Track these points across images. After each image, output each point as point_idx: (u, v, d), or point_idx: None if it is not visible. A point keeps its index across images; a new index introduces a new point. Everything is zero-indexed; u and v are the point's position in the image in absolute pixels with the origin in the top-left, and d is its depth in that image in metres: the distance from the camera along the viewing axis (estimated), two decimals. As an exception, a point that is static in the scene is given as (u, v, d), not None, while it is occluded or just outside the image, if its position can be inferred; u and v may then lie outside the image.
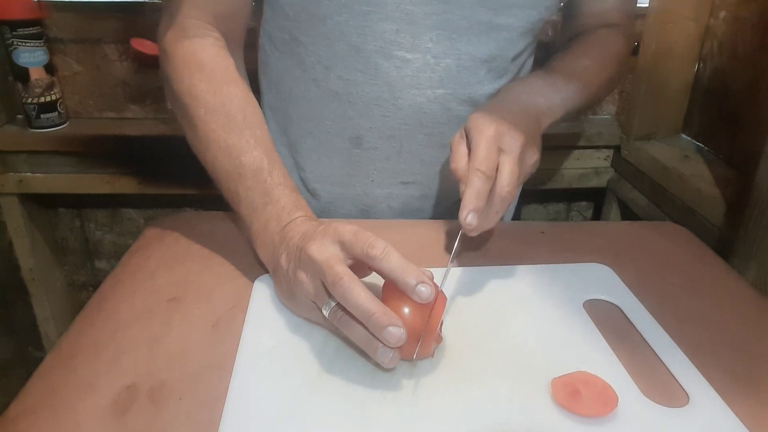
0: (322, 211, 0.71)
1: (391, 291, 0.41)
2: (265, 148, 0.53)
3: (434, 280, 0.42)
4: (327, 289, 0.41)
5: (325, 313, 0.42)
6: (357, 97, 0.62)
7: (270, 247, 0.49)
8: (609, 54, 0.69)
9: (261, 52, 0.69)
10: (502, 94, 0.59)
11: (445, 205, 0.71)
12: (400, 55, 0.59)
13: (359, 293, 0.39)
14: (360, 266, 0.43)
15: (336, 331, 0.44)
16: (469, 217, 0.47)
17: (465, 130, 0.53)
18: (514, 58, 0.64)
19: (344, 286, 0.39)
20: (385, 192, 0.68)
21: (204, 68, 0.56)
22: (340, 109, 0.63)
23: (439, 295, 0.41)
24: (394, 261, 0.40)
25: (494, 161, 0.49)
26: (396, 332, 0.38)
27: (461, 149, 0.52)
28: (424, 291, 0.39)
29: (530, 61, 0.70)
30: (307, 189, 0.70)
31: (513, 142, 0.51)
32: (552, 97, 0.60)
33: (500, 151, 0.50)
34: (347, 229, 0.42)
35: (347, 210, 0.70)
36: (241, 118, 0.53)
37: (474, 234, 0.49)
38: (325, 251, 0.42)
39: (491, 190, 0.49)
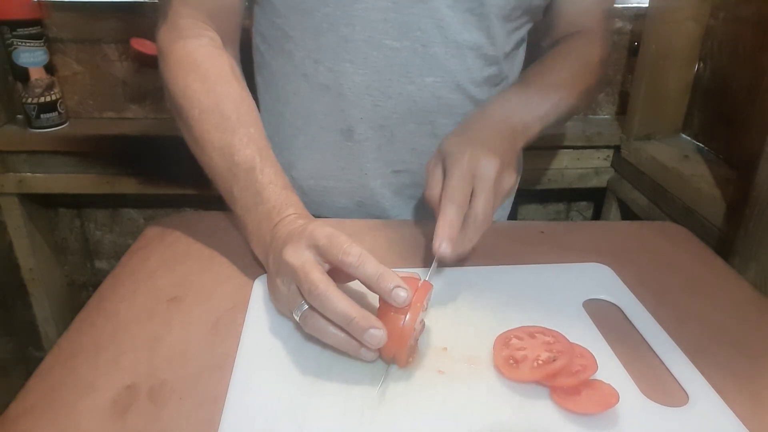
0: (316, 206, 0.71)
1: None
2: (258, 146, 0.53)
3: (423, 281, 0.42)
4: (301, 294, 0.41)
5: (296, 317, 0.42)
6: (347, 88, 0.62)
7: (263, 248, 0.50)
8: (586, 65, 0.69)
9: (255, 53, 0.69)
10: (476, 115, 0.58)
11: None
12: (388, 44, 0.59)
13: (337, 300, 0.39)
14: (341, 271, 0.43)
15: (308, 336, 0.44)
16: (442, 246, 0.46)
17: (441, 155, 0.52)
18: (502, 47, 0.64)
19: (321, 294, 0.39)
20: (378, 182, 0.68)
21: (198, 69, 0.56)
22: (330, 102, 0.63)
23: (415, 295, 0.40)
24: (369, 268, 0.40)
25: (467, 189, 0.49)
26: (377, 334, 0.38)
27: (436, 175, 0.52)
28: (401, 295, 0.39)
29: (522, 52, 0.70)
30: (300, 187, 0.70)
31: (488, 168, 0.49)
32: (526, 115, 0.60)
33: (475, 177, 0.49)
34: (322, 233, 0.42)
35: (342, 203, 0.70)
36: (235, 117, 0.54)
37: (448, 260, 0.48)
38: (301, 256, 0.42)
39: (465, 218, 0.49)
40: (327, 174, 0.68)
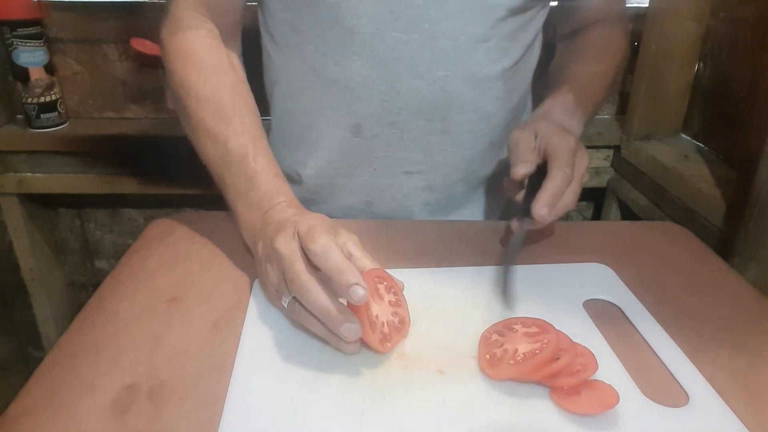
0: (323, 207, 0.71)
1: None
2: (251, 135, 0.54)
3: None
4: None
5: (284, 304, 0.43)
6: (354, 82, 0.61)
7: (252, 233, 0.50)
8: (616, 55, 0.71)
9: (264, 54, 0.69)
10: (545, 115, 0.62)
11: (452, 198, 0.70)
12: (396, 37, 0.59)
13: (316, 293, 0.40)
14: None
15: (300, 326, 0.45)
16: (543, 210, 0.50)
17: (537, 135, 0.56)
18: (514, 39, 0.63)
19: (302, 286, 0.40)
20: (388, 182, 0.67)
21: (196, 59, 0.57)
22: (338, 97, 0.63)
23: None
24: (332, 260, 0.40)
25: (573, 169, 0.53)
26: (352, 327, 0.39)
27: (529, 145, 0.55)
28: (359, 293, 0.39)
29: (537, 42, 0.69)
30: (307, 185, 0.70)
31: (585, 157, 0.56)
32: (580, 119, 0.64)
33: (575, 162, 0.54)
34: (306, 223, 0.43)
35: (350, 202, 0.70)
36: (230, 107, 0.55)
37: (540, 223, 0.53)
38: (289, 246, 0.43)
39: None
40: (335, 171, 0.68)
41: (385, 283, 0.45)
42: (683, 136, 1.03)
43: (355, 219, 0.70)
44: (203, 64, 0.57)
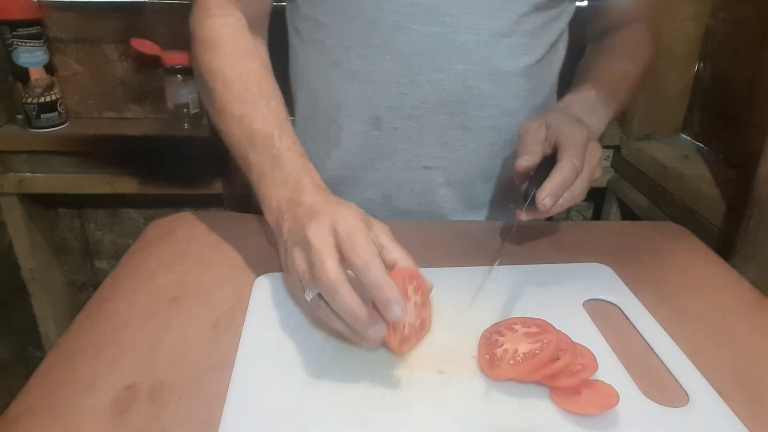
0: (343, 196, 0.70)
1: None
2: (276, 117, 0.54)
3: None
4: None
5: (308, 297, 0.42)
6: (375, 74, 0.62)
7: (276, 212, 0.49)
8: (643, 54, 0.71)
9: (290, 52, 0.70)
10: (564, 110, 0.61)
11: (472, 195, 0.70)
12: (416, 29, 0.59)
13: (344, 295, 0.39)
14: None
15: (314, 319, 0.44)
16: (547, 200, 0.49)
17: (548, 126, 0.55)
18: (537, 36, 0.62)
19: (329, 284, 0.39)
20: (407, 176, 0.67)
21: (224, 44, 0.58)
22: (359, 89, 0.63)
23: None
24: (372, 275, 0.39)
25: (584, 161, 0.52)
26: (378, 328, 0.39)
27: (539, 137, 0.55)
28: (396, 311, 0.38)
29: (563, 42, 0.69)
30: (328, 177, 0.69)
31: (594, 152, 0.55)
32: (602, 116, 0.64)
33: (586, 154, 0.53)
34: (347, 223, 0.42)
35: (368, 195, 0.69)
36: (256, 90, 0.55)
37: (543, 213, 0.51)
38: (323, 239, 0.41)
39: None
40: (355, 164, 0.68)
41: (414, 284, 0.44)
42: (683, 136, 1.03)
43: (374, 213, 0.69)
44: (231, 48, 0.58)
